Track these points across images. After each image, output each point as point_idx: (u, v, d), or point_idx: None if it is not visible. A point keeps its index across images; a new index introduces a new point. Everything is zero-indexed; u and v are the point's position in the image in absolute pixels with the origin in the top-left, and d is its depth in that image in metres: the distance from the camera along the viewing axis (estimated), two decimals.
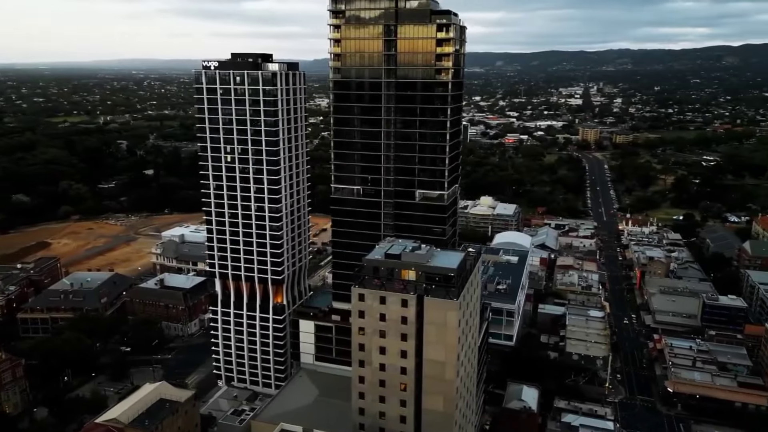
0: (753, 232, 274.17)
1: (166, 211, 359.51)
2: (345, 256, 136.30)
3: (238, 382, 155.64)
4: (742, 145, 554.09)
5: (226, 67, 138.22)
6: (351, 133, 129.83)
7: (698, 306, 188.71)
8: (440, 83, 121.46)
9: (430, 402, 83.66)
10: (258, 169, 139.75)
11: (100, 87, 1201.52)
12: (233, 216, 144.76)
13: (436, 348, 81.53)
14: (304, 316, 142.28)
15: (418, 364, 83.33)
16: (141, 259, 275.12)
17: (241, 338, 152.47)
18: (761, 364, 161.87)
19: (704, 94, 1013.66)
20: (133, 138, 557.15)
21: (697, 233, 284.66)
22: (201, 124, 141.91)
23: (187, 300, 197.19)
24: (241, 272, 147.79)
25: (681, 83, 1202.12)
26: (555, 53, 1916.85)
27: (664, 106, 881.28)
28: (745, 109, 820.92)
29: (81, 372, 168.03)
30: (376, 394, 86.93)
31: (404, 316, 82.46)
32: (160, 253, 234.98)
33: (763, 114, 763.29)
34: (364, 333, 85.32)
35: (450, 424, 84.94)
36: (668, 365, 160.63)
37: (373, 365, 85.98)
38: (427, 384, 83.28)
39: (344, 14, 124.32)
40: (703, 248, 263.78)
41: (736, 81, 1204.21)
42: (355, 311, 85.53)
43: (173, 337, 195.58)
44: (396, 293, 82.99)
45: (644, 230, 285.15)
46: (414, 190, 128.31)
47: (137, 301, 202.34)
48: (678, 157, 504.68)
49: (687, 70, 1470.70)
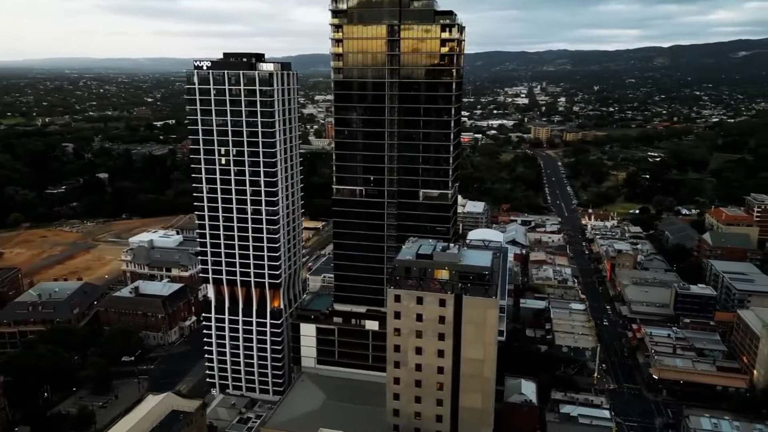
0: (707, 223, 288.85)
1: (123, 216, 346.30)
2: (346, 258, 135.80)
3: (233, 390, 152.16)
4: (681, 141, 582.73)
5: (219, 67, 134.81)
6: (353, 134, 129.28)
7: (670, 295, 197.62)
8: (444, 83, 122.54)
9: (468, 400, 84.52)
10: (254, 171, 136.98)
11: (33, 87, 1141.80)
12: (228, 219, 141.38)
13: (475, 346, 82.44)
14: (305, 320, 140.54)
15: (455, 363, 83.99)
16: (104, 267, 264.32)
17: (236, 344, 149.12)
18: (734, 348, 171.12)
19: (640, 94, 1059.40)
20: (77, 140, 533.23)
21: (655, 226, 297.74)
22: (193, 126, 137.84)
23: (167, 307, 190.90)
24: (236, 277, 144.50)
25: (618, 83, 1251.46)
26: (498, 53, 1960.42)
27: (605, 105, 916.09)
28: (680, 107, 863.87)
29: (61, 387, 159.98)
30: (412, 394, 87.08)
31: (442, 316, 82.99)
32: (131, 259, 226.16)
33: (697, 111, 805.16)
34: (399, 334, 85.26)
35: (488, 420, 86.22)
36: (651, 353, 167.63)
37: (408, 366, 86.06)
38: (464, 382, 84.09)
39: (346, 14, 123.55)
40: (663, 240, 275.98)
41: (668, 80, 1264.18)
42: (391, 312, 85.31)
43: (153, 346, 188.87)
44: (434, 293, 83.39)
45: (607, 224, 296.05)
46: (417, 189, 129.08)
47: (112, 311, 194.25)
48: (625, 154, 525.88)
49: (622, 71, 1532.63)
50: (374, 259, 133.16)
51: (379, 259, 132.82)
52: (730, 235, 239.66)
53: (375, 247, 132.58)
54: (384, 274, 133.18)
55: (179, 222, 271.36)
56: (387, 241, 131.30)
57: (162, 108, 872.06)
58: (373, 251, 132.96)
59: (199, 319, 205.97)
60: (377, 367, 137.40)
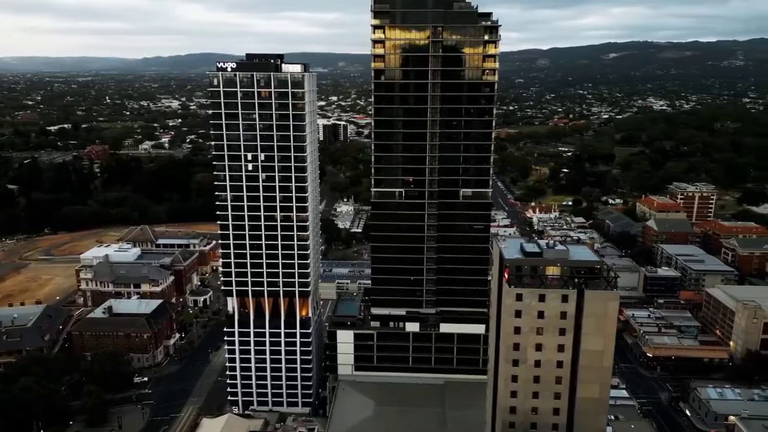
0: (638, 211, 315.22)
1: (46, 231, 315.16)
2: (385, 261, 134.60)
3: (258, 406, 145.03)
4: (583, 137, 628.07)
5: (245, 69, 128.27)
6: (393, 135, 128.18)
7: (639, 279, 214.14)
8: (487, 84, 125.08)
9: (586, 391, 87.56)
10: (285, 176, 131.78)
11: None
12: (254, 228, 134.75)
13: (595, 338, 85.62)
14: (341, 326, 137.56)
15: (574, 356, 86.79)
16: (44, 288, 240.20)
17: (263, 358, 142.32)
18: (705, 323, 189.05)
19: (532, 93, 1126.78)
20: None
21: (594, 216, 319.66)
22: (217, 131, 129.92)
23: (152, 326, 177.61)
24: (263, 287, 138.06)
25: (508, 83, 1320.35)
26: None
27: (504, 103, 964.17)
28: (571, 104, 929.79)
29: (53, 421, 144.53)
30: (530, 390, 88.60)
31: (563, 311, 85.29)
32: (91, 278, 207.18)
33: (587, 109, 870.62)
34: (519, 332, 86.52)
35: (604, 409, 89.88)
36: (639, 334, 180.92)
37: (528, 363, 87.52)
38: (583, 374, 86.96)
39: (388, 14, 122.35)
40: (605, 229, 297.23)
41: (551, 80, 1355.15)
42: (510, 311, 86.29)
43: (140, 369, 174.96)
44: (556, 290, 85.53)
45: (551, 216, 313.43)
46: (458, 189, 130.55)
47: (88, 334, 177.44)
48: (539, 149, 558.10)
49: (511, 71, 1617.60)
50: (414, 260, 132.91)
51: (419, 261, 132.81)
52: (672, 221, 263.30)
53: (415, 249, 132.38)
54: (424, 275, 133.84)
55: (131, 234, 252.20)
56: (427, 242, 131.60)
57: (49, 111, 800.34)
58: (412, 253, 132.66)
59: (182, 336, 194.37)
60: (417, 369, 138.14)
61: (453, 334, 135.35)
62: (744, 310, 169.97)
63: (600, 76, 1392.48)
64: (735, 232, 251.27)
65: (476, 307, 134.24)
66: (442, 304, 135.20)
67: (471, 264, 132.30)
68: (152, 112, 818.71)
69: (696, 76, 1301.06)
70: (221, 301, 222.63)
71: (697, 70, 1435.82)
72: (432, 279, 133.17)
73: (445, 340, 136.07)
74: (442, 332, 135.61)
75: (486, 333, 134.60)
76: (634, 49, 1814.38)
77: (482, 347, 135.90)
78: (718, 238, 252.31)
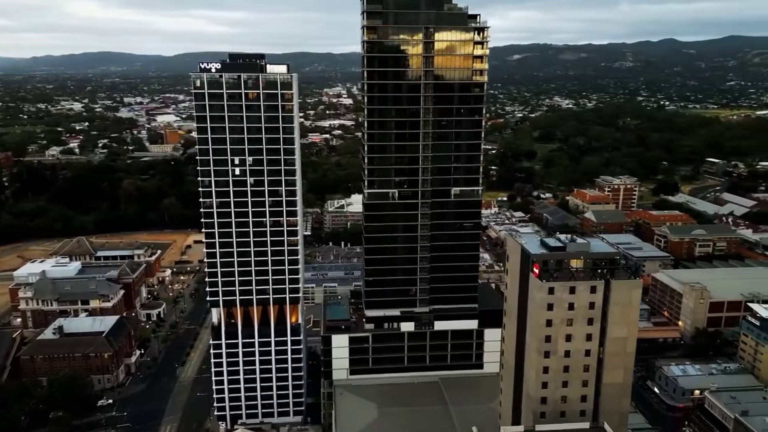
0: (571, 204, 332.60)
1: None
2: (379, 262, 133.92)
3: (247, 419, 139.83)
4: (502, 135, 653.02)
5: (230, 70, 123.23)
6: (386, 136, 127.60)
7: None
8: (477, 84, 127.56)
9: (611, 376, 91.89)
10: (274, 180, 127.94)
11: None
12: (242, 234, 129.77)
13: (620, 326, 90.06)
14: (335, 331, 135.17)
15: (601, 344, 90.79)
16: None
17: (252, 368, 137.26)
18: (653, 305, 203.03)
19: None
20: None
21: (531, 210, 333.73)
22: (202, 134, 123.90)
23: (113, 344, 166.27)
24: (252, 296, 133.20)
25: None
26: (305, 54, 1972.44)
27: None
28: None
29: None
30: (560, 380, 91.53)
31: (592, 302, 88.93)
32: (32, 296, 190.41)
33: (501, 108, 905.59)
34: (551, 325, 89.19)
35: (627, 391, 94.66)
36: None
37: (558, 354, 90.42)
38: (608, 360, 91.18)
39: (381, 16, 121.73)
40: (543, 222, 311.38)
41: None
42: (542, 305, 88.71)
43: (102, 390, 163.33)
44: (585, 281, 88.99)
45: (491, 212, 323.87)
46: (449, 188, 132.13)
47: (40, 358, 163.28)
48: None
49: None
50: (408, 260, 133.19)
51: (412, 260, 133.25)
52: (608, 212, 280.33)
53: (409, 249, 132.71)
54: (417, 274, 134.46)
55: (66, 247, 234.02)
56: (421, 242, 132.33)
57: None
58: (406, 253, 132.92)
59: (142, 353, 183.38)
60: (412, 368, 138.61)
61: (447, 331, 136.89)
62: (692, 292, 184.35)
63: (507, 76, 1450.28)
64: (663, 221, 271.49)
65: (468, 303, 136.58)
66: (435, 302, 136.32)
67: (462, 261, 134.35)
68: (53, 115, 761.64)
69: (592, 76, 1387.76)
70: (177, 314, 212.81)
71: (593, 70, 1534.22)
72: (425, 278, 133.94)
73: (439, 338, 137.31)
74: (436, 330, 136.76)
75: (479, 328, 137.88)
76: (536, 51, 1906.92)
77: (475, 342, 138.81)
78: (649, 226, 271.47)
